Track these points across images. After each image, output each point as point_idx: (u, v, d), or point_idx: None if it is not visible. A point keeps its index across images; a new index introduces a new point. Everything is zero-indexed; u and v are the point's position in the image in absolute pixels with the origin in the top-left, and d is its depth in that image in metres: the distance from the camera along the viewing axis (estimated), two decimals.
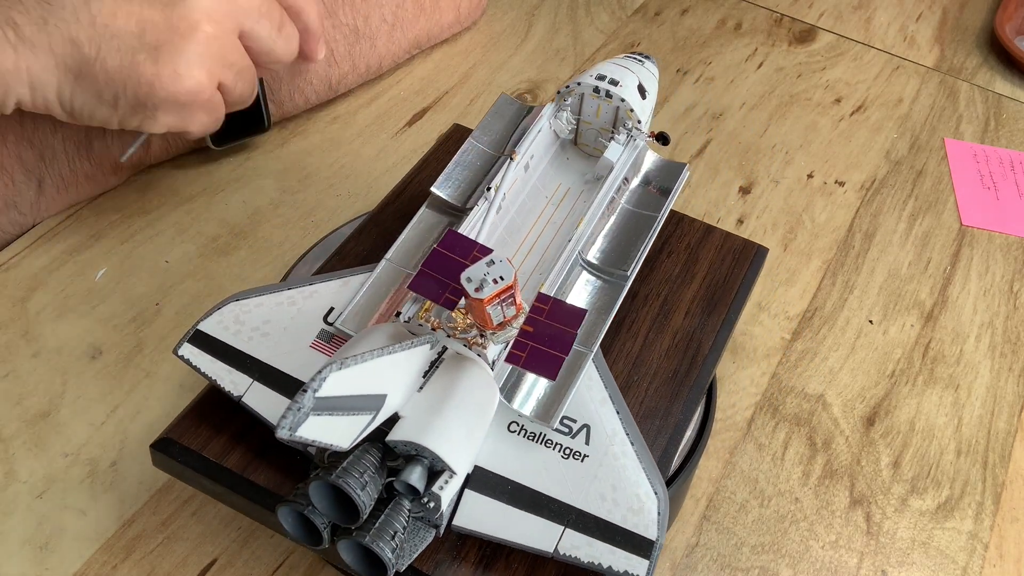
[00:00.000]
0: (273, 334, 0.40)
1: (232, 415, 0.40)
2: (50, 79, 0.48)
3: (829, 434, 0.53)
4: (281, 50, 0.55)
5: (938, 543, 0.49)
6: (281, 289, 0.41)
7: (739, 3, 0.85)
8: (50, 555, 0.44)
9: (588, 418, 0.39)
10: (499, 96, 0.50)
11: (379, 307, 0.41)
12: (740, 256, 0.50)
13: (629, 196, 0.48)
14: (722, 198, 0.66)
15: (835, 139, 0.72)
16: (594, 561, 0.36)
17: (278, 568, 0.45)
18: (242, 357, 0.40)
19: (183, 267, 0.57)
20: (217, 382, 0.39)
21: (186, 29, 0.49)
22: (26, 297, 0.55)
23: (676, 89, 0.75)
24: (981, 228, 0.67)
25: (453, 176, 0.46)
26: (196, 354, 0.40)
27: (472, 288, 0.34)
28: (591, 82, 0.47)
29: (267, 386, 0.39)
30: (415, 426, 0.34)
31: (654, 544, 0.36)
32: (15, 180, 0.56)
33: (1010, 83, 0.80)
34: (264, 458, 0.39)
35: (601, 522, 0.36)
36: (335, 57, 0.66)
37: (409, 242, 0.44)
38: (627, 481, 0.37)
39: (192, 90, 0.50)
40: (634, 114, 0.47)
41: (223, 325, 0.40)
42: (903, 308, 0.60)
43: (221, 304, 0.41)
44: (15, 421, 0.49)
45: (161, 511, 0.46)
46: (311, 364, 0.39)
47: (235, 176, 0.63)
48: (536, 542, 0.36)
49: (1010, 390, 0.56)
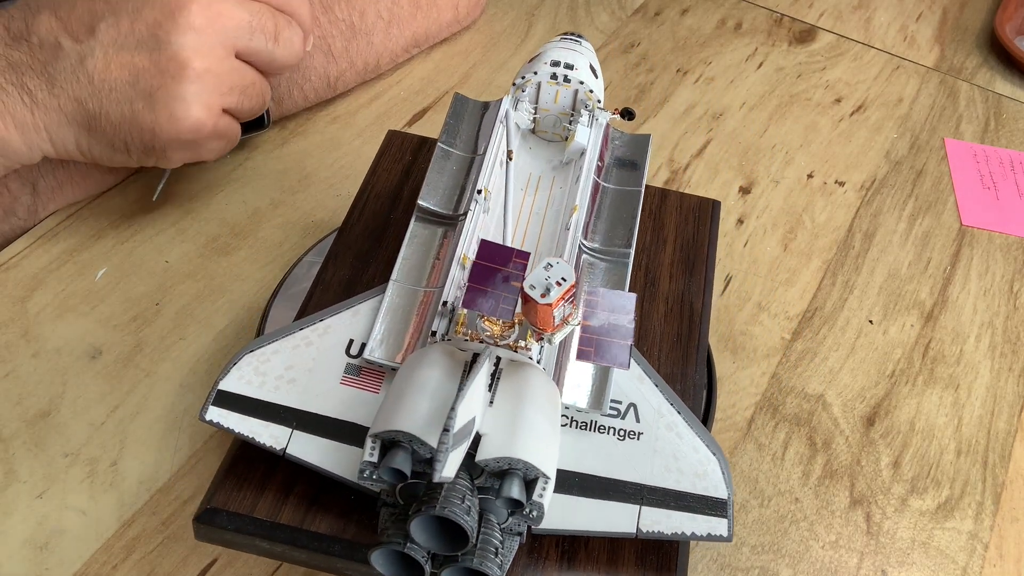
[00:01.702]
0: (299, 379, 0.39)
1: (272, 468, 0.38)
2: (67, 134, 0.51)
3: (829, 434, 0.53)
4: (283, 58, 0.55)
5: (938, 543, 0.49)
6: (292, 331, 0.40)
7: (739, 3, 0.85)
8: (50, 555, 0.44)
9: (632, 397, 0.40)
10: (453, 96, 0.49)
11: (408, 330, 0.40)
12: (700, 214, 0.51)
13: (604, 175, 0.48)
14: (722, 198, 0.66)
15: (835, 139, 0.72)
16: (677, 531, 0.37)
17: (278, 568, 0.45)
18: (274, 409, 0.38)
19: (183, 267, 0.57)
20: (255, 439, 0.38)
21: (176, 70, 0.50)
22: (26, 297, 0.55)
23: (676, 89, 0.75)
24: (981, 228, 0.67)
25: (435, 185, 0.45)
26: (224, 415, 0.38)
27: (538, 294, 0.34)
28: (547, 69, 0.47)
29: (309, 433, 0.38)
30: (502, 441, 0.34)
31: (727, 502, 0.37)
32: (10, 188, 0.56)
33: (1010, 83, 0.80)
34: (318, 505, 0.37)
35: (673, 493, 0.37)
36: (332, 54, 0.66)
37: (411, 259, 0.43)
38: (686, 448, 0.38)
39: (192, 128, 0.51)
40: (593, 94, 0.47)
41: (245, 380, 0.39)
42: (903, 308, 0.60)
43: (236, 358, 0.39)
44: (15, 421, 0.49)
45: (161, 511, 0.46)
46: (347, 402, 0.38)
47: (235, 176, 0.63)
48: (618, 527, 0.37)
49: (1010, 390, 0.56)
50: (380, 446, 0.34)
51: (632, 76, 0.76)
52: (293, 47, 0.55)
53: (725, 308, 0.59)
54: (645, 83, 0.75)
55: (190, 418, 0.50)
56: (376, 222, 0.47)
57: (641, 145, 0.50)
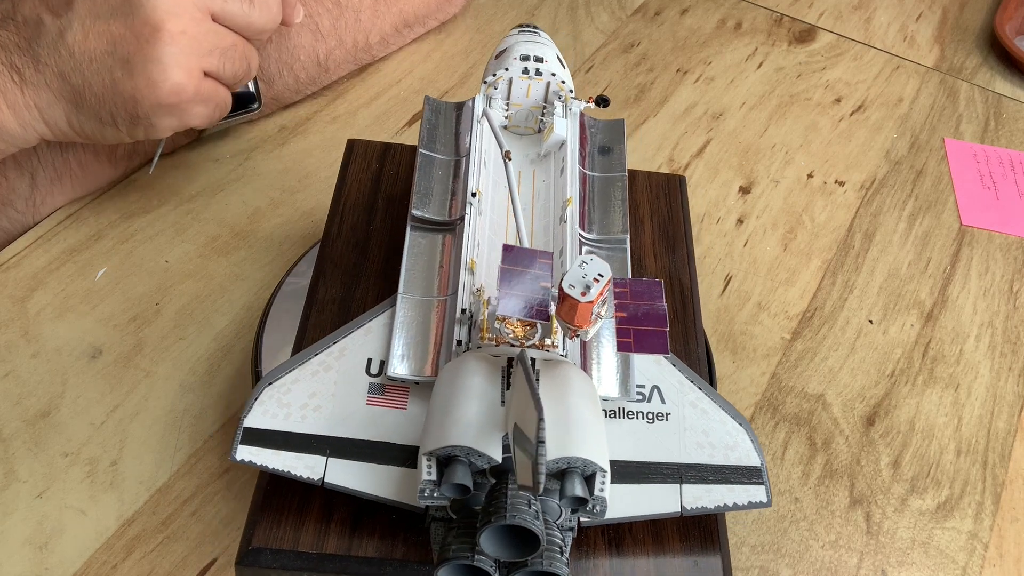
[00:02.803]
0: (324, 405, 0.38)
1: (306, 497, 0.37)
2: (58, 112, 0.51)
3: (829, 434, 0.53)
4: (260, 20, 0.54)
5: (938, 543, 0.49)
6: (308, 357, 0.39)
7: (739, 3, 0.85)
8: (50, 555, 0.44)
9: (653, 379, 0.40)
10: (424, 100, 0.48)
11: (428, 342, 0.40)
12: (669, 191, 0.52)
13: (588, 164, 0.48)
14: (722, 198, 0.66)
15: (835, 139, 0.72)
16: (719, 504, 0.37)
17: None
18: (305, 439, 0.37)
19: (183, 267, 0.57)
20: (291, 473, 0.36)
21: (150, 34, 0.50)
22: (26, 297, 0.55)
23: (676, 89, 0.75)
24: (981, 228, 0.67)
25: (424, 192, 0.45)
26: (255, 452, 0.37)
27: (579, 293, 0.34)
28: (518, 64, 0.47)
29: (344, 458, 0.37)
30: (557, 441, 0.33)
31: (761, 469, 0.38)
32: (7, 176, 0.56)
33: (1010, 83, 0.80)
34: (360, 529, 0.37)
35: (709, 467, 0.38)
36: (320, 32, 0.66)
37: (414, 270, 0.43)
38: (714, 423, 0.39)
39: (173, 91, 0.51)
40: (565, 85, 0.47)
41: (269, 414, 0.38)
42: (903, 308, 0.60)
43: (256, 393, 0.38)
44: (15, 421, 0.49)
45: (161, 511, 0.46)
46: (376, 422, 0.38)
47: (235, 176, 0.63)
48: (663, 508, 0.37)
49: (1010, 390, 0.56)
50: (436, 463, 0.33)
51: (632, 76, 0.76)
52: (270, 11, 0.55)
53: (725, 308, 0.59)
54: (645, 83, 0.75)
55: (190, 418, 0.50)
56: (356, 235, 0.47)
57: (617, 130, 0.50)
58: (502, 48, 0.49)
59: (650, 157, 0.69)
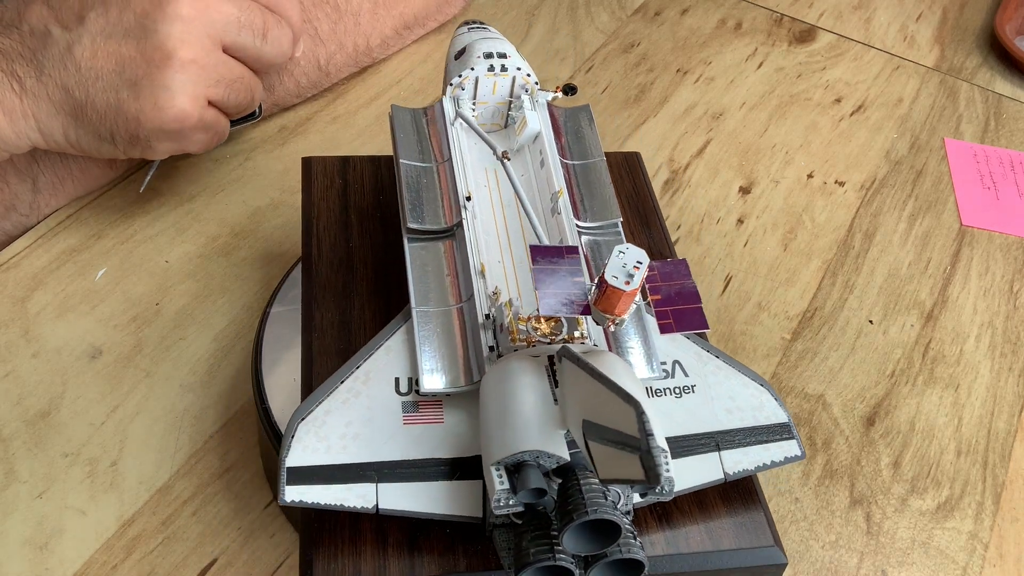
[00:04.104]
0: (362, 432, 0.37)
1: (355, 526, 0.37)
2: (55, 123, 0.51)
3: (829, 434, 0.53)
4: (270, 55, 0.55)
5: (938, 543, 0.49)
6: (334, 386, 0.38)
7: (739, 3, 0.85)
8: (50, 555, 0.44)
9: (672, 354, 0.41)
10: (391, 109, 0.48)
11: (455, 352, 0.39)
12: (631, 168, 0.52)
13: (566, 153, 0.48)
14: (722, 198, 0.66)
15: (835, 139, 0.72)
16: (758, 464, 0.39)
17: (278, 568, 0.45)
18: (350, 469, 0.36)
19: (183, 267, 0.57)
20: (343, 505, 0.36)
21: (161, 60, 0.50)
22: (26, 297, 0.55)
23: (676, 89, 0.75)
24: (981, 228, 0.67)
25: (414, 204, 0.44)
26: (303, 491, 0.36)
27: (622, 283, 0.34)
28: (483, 62, 0.47)
29: (393, 482, 0.36)
30: None
31: (788, 424, 0.40)
32: (9, 183, 0.56)
33: (1010, 83, 0.80)
34: (418, 548, 0.37)
35: (742, 431, 0.39)
36: (320, 36, 0.66)
37: (422, 282, 0.42)
38: (736, 387, 0.41)
39: (177, 118, 0.51)
40: (531, 78, 0.47)
41: (310, 449, 0.37)
42: (903, 308, 0.60)
43: (290, 430, 0.37)
44: (15, 421, 0.49)
45: (161, 511, 0.46)
46: (417, 440, 0.37)
47: (235, 176, 0.63)
48: (708, 477, 0.38)
49: (1010, 390, 0.56)
50: (505, 471, 0.33)
51: (632, 76, 0.76)
52: (281, 46, 0.55)
53: (725, 308, 0.59)
54: (645, 83, 0.75)
55: (190, 418, 0.50)
56: (337, 254, 0.46)
57: (585, 115, 0.50)
58: (459, 48, 0.48)
59: (650, 157, 0.69)
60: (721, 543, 0.38)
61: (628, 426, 0.28)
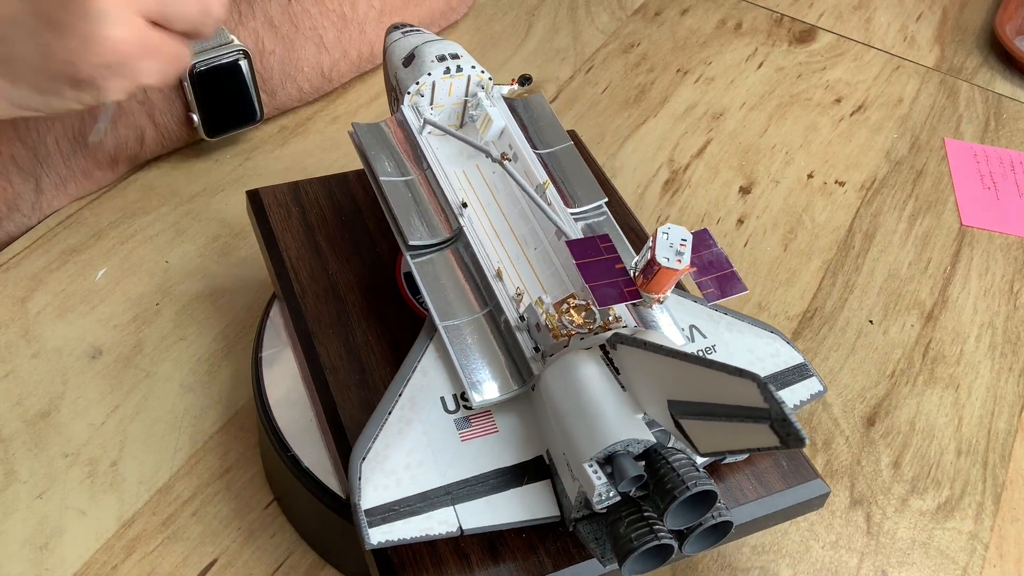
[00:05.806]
0: (425, 459, 0.37)
1: (435, 552, 0.37)
2: None
3: (829, 434, 0.53)
4: None
5: (938, 543, 0.49)
6: (383, 419, 0.38)
7: (739, 3, 0.85)
8: (50, 555, 0.44)
9: (687, 319, 0.42)
10: (353, 127, 0.47)
11: (497, 360, 0.39)
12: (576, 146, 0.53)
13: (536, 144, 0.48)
14: (722, 198, 0.66)
15: (835, 139, 0.72)
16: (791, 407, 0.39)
17: (278, 568, 0.45)
18: (425, 497, 0.36)
19: (183, 267, 0.57)
20: (429, 534, 0.36)
21: None
22: (26, 297, 0.55)
23: (676, 89, 0.75)
24: (981, 228, 0.67)
25: (407, 219, 0.43)
26: (387, 530, 0.35)
27: (674, 263, 0.35)
28: (438, 66, 0.47)
29: (468, 500, 0.37)
30: None
31: (805, 364, 0.43)
32: (13, 183, 0.56)
33: (1010, 83, 0.80)
34: (500, 557, 0.37)
35: (769, 379, 0.39)
36: (325, 44, 0.66)
37: (441, 295, 0.41)
38: (751, 339, 0.43)
39: (113, 49, 0.43)
40: (485, 75, 0.47)
41: (381, 487, 0.36)
42: (903, 308, 0.60)
43: (356, 474, 0.36)
44: (15, 421, 0.49)
45: (161, 511, 0.46)
46: (478, 453, 0.37)
47: (235, 176, 0.63)
48: None
49: (1010, 390, 0.56)
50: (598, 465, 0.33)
51: (632, 76, 0.76)
52: None
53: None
54: (645, 83, 0.75)
55: (190, 418, 0.50)
56: (320, 284, 0.45)
57: (540, 103, 0.50)
58: (403, 55, 0.48)
59: (650, 157, 0.69)
60: (773, 487, 0.41)
61: (750, 398, 0.28)
